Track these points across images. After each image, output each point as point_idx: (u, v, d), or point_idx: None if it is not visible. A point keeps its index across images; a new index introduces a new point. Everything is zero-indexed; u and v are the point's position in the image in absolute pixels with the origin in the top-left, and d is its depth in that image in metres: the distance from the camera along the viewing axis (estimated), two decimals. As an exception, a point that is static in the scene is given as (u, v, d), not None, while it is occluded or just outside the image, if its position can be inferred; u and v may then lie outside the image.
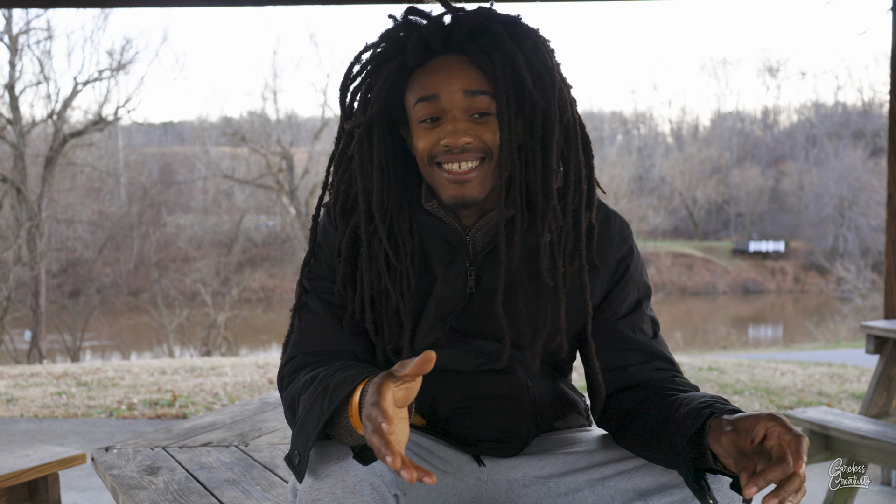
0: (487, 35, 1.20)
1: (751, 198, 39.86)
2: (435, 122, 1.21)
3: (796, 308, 30.17)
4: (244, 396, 5.95)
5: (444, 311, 1.29)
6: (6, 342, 17.38)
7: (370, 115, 1.23)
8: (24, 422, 5.00)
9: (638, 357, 1.31)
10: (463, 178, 1.20)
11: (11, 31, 18.35)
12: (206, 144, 25.58)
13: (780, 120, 47.05)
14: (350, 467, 1.10)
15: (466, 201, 1.22)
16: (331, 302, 1.32)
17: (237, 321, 21.06)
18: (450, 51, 1.22)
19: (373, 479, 1.10)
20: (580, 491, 1.27)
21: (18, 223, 17.57)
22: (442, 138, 1.19)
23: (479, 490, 1.34)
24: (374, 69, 1.25)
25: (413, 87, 1.23)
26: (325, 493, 1.09)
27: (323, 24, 41.98)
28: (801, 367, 7.50)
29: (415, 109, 1.22)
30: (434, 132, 1.21)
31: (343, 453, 1.12)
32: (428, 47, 1.21)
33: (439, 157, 1.21)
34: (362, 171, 1.25)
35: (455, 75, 1.19)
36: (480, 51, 1.19)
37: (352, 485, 1.09)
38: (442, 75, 1.20)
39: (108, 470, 1.74)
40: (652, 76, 67.18)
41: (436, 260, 1.29)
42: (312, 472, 1.11)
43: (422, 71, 1.22)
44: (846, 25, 63.70)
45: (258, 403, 2.42)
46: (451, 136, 1.18)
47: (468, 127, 1.19)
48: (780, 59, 54.05)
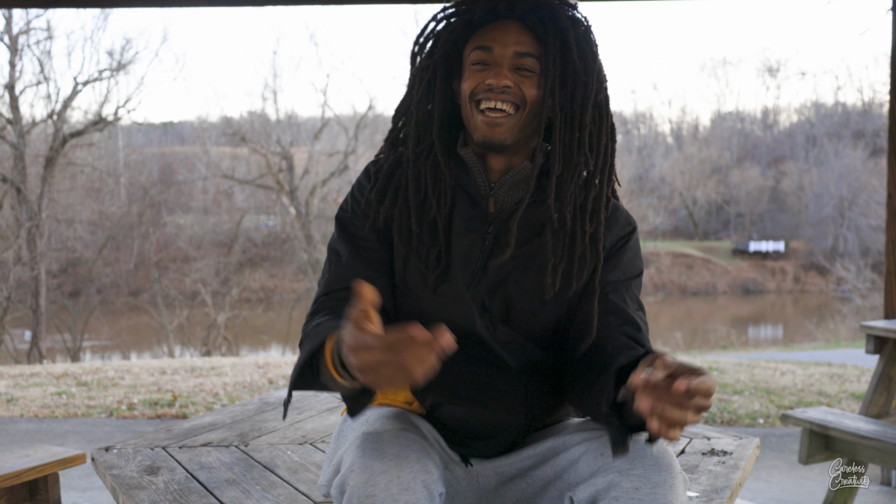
0: (547, 9, 1.38)
1: (751, 198, 39.86)
2: (484, 66, 1.36)
3: (796, 308, 30.18)
4: (244, 396, 5.95)
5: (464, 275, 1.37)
6: (6, 342, 17.38)
7: (436, 58, 1.41)
8: (24, 422, 5.01)
9: (614, 320, 1.37)
10: (495, 122, 1.34)
11: (11, 31, 18.35)
12: (206, 144, 25.58)
13: (780, 120, 47.06)
14: (405, 465, 1.13)
15: (494, 143, 1.35)
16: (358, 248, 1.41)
17: (237, 321, 21.06)
18: (512, 16, 1.38)
19: (425, 476, 1.14)
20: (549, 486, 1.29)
21: (18, 223, 17.57)
22: (486, 78, 1.34)
23: (471, 478, 1.37)
24: (444, 20, 1.43)
25: (473, 38, 1.40)
26: (381, 490, 1.11)
27: (323, 24, 41.94)
28: (801, 367, 7.50)
29: (470, 55, 1.38)
30: (480, 74, 1.36)
31: (397, 450, 1.15)
32: (494, 10, 1.39)
33: (480, 95, 1.35)
34: (419, 106, 1.42)
35: (510, 36, 1.36)
36: (538, 20, 1.37)
37: (406, 482, 1.12)
38: (499, 33, 1.37)
39: (108, 470, 1.74)
40: (652, 76, 67.19)
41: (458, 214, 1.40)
42: (367, 468, 1.13)
43: (483, 28, 1.39)
44: (846, 25, 63.66)
45: (258, 403, 2.42)
46: (495, 77, 1.33)
47: (511, 75, 1.35)
48: (780, 59, 54.04)
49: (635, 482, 1.14)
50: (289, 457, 1.89)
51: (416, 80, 1.44)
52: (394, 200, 1.41)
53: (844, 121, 41.18)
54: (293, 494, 1.63)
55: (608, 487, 1.16)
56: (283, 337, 21.08)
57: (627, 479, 1.15)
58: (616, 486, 1.15)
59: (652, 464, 1.16)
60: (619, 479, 1.15)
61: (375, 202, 1.41)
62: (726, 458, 1.80)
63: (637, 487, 1.14)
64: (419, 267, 1.37)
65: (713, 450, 1.85)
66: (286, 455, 1.90)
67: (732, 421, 5.04)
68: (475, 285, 1.36)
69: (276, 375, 6.93)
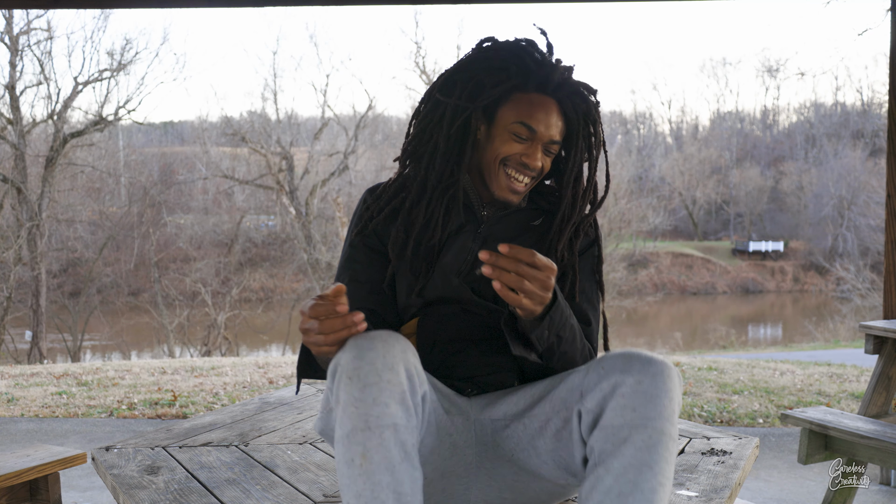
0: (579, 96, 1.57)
1: (750, 198, 39.87)
2: (522, 140, 1.53)
3: (796, 308, 30.19)
4: (244, 396, 5.95)
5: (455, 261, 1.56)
6: (6, 342, 17.38)
7: (476, 106, 1.53)
8: (25, 421, 5.01)
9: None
10: (518, 190, 1.55)
11: (12, 32, 18.34)
12: (206, 144, 25.54)
13: (780, 120, 47.09)
14: (391, 349, 1.23)
15: (511, 203, 1.57)
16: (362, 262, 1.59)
17: (237, 321, 21.06)
18: (555, 96, 1.55)
19: (409, 365, 1.23)
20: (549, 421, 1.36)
21: (19, 223, 17.57)
22: (525, 155, 1.53)
23: (469, 430, 1.43)
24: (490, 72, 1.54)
25: (517, 106, 1.53)
26: (367, 364, 1.20)
27: (323, 24, 41.96)
28: (801, 367, 7.51)
29: (512, 124, 1.53)
30: (518, 146, 1.53)
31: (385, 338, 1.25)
32: (542, 87, 1.54)
33: (510, 165, 1.54)
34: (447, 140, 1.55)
35: (552, 122, 1.54)
36: (572, 106, 1.56)
37: (391, 362, 1.21)
38: (543, 115, 1.53)
39: (109, 469, 1.74)
40: (652, 76, 67.26)
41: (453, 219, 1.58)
42: (357, 347, 1.23)
43: (528, 99, 1.53)
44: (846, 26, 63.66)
45: (258, 403, 2.42)
46: (532, 159, 1.53)
47: (543, 158, 1.56)
48: (779, 60, 53.96)
49: (637, 377, 1.25)
50: (289, 457, 1.89)
51: (447, 113, 1.55)
52: (391, 217, 1.59)
53: (844, 121, 41.20)
54: (293, 494, 1.63)
55: (614, 388, 1.26)
56: (283, 337, 21.09)
57: (630, 375, 1.25)
58: (621, 384, 1.25)
59: (647, 361, 1.27)
60: (622, 377, 1.26)
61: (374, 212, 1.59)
62: (726, 457, 1.80)
63: (639, 381, 1.25)
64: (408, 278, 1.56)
65: (713, 449, 1.86)
66: (286, 455, 1.91)
67: (732, 421, 5.05)
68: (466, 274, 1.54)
69: (276, 375, 6.93)
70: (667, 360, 1.32)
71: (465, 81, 1.55)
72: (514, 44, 1.55)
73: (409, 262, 1.56)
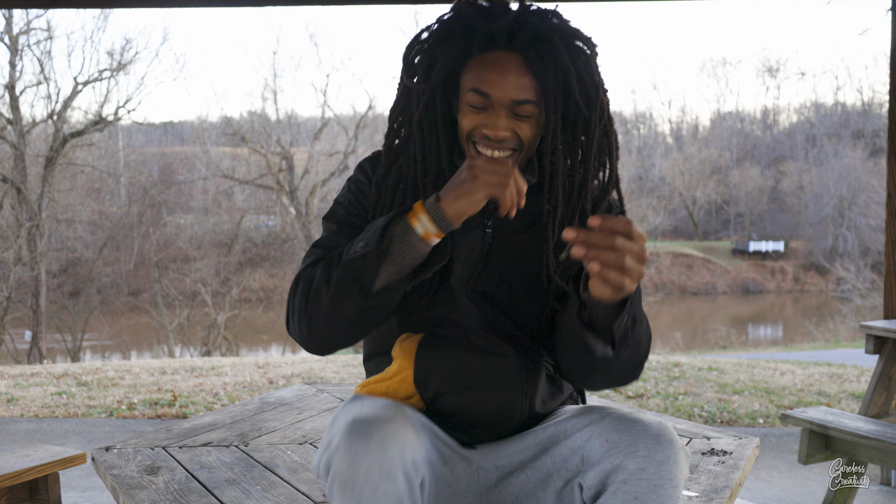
0: (547, 45, 1.32)
1: (750, 198, 39.87)
2: (481, 110, 1.34)
3: (796, 308, 30.18)
4: (244, 396, 5.95)
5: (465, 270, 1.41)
6: (6, 342, 17.38)
7: (432, 84, 1.36)
8: (25, 422, 5.01)
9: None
10: None
11: (11, 32, 18.35)
12: (206, 144, 25.56)
13: (780, 120, 47.09)
14: (388, 452, 1.13)
15: None
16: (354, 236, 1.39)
17: (237, 321, 21.06)
18: (510, 48, 1.33)
19: (407, 466, 1.13)
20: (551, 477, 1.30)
21: (19, 223, 17.57)
22: (484, 126, 1.33)
23: (471, 476, 1.36)
24: (439, 42, 1.37)
25: (470, 72, 1.35)
26: (363, 474, 1.11)
27: (323, 24, 42.02)
28: (801, 367, 7.51)
29: (467, 94, 1.34)
30: (478, 116, 1.34)
31: (382, 435, 1.14)
32: (492, 42, 1.34)
33: (477, 139, 1.34)
34: (420, 127, 1.38)
35: (509, 80, 1.31)
36: (537, 57, 1.32)
37: (388, 470, 1.11)
38: (496, 75, 1.32)
39: (108, 470, 1.74)
40: (652, 76, 67.25)
41: None
42: (352, 449, 1.13)
43: (481, 60, 1.34)
44: (846, 25, 63.71)
45: (258, 403, 2.42)
46: (492, 129, 1.32)
47: (509, 123, 1.32)
48: (779, 59, 54.09)
49: (640, 462, 1.17)
50: (289, 457, 1.89)
51: (413, 98, 1.40)
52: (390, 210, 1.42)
53: (844, 121, 41.20)
54: (293, 494, 1.63)
55: (615, 470, 1.19)
56: (283, 337, 21.07)
57: (633, 460, 1.18)
58: (623, 468, 1.18)
59: (654, 442, 1.19)
60: (625, 461, 1.18)
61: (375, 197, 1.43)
62: (726, 457, 1.80)
63: (643, 468, 1.17)
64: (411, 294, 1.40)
65: (713, 449, 1.85)
66: (286, 455, 1.90)
67: (732, 421, 5.04)
68: (476, 278, 1.41)
69: (276, 375, 6.93)
70: (675, 436, 1.23)
71: (421, 60, 1.39)
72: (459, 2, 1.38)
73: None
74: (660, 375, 6.57)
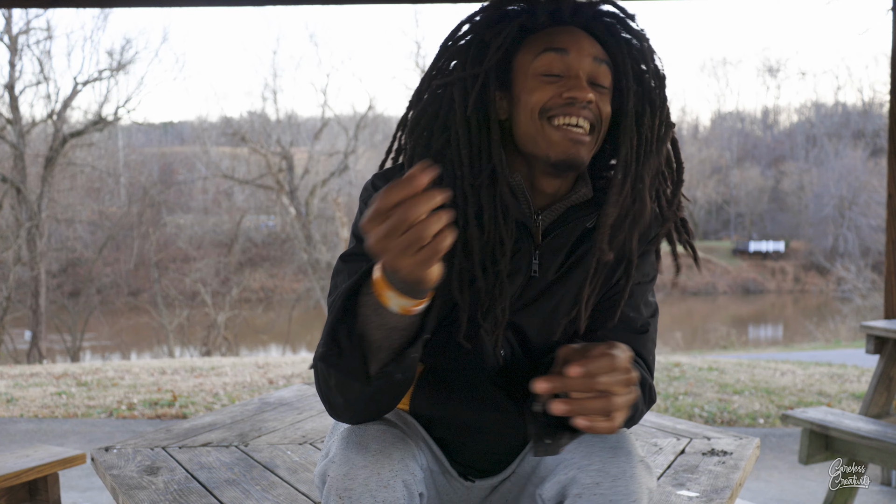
0: (611, 20, 1.24)
1: (751, 198, 39.87)
2: (557, 77, 1.19)
3: (796, 308, 30.18)
4: (244, 396, 5.95)
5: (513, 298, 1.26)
6: (6, 342, 17.38)
7: (487, 66, 1.20)
8: (24, 422, 5.00)
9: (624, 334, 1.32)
10: (579, 138, 1.18)
11: (11, 31, 18.36)
12: (206, 144, 25.58)
13: (780, 120, 47.08)
14: (386, 462, 1.10)
15: (576, 161, 1.19)
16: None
17: (237, 321, 21.07)
18: (574, 23, 1.23)
19: (406, 476, 1.11)
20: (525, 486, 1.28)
21: (18, 223, 17.57)
22: (565, 91, 1.17)
23: (467, 491, 1.36)
24: (491, 26, 1.23)
25: (534, 42, 1.22)
26: (360, 485, 1.09)
27: (323, 24, 42.03)
28: (801, 367, 7.50)
29: (536, 61, 1.20)
30: (554, 86, 1.19)
31: (380, 446, 1.12)
32: (555, 14, 1.23)
33: (555, 110, 1.17)
34: (466, 123, 1.20)
35: (584, 40, 1.20)
36: (606, 29, 1.23)
37: (386, 479, 1.09)
38: (571, 36, 1.21)
39: (108, 470, 1.74)
40: (652, 76, 67.07)
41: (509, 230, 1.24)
42: (348, 461, 1.10)
43: (546, 32, 1.22)
44: (846, 25, 63.71)
45: (258, 403, 2.42)
46: (578, 89, 1.16)
47: (594, 93, 1.19)
48: (780, 59, 54.08)
49: (594, 477, 1.11)
50: (289, 457, 1.89)
51: (456, 90, 1.21)
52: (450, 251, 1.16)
53: (844, 121, 41.18)
54: (293, 494, 1.63)
55: (570, 484, 1.13)
56: (283, 337, 21.09)
57: (587, 474, 1.11)
58: (576, 482, 1.12)
59: (609, 456, 1.12)
60: (578, 475, 1.12)
61: None
62: (726, 458, 1.80)
63: (597, 482, 1.10)
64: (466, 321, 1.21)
65: (713, 450, 1.85)
66: (286, 455, 1.90)
67: (732, 421, 5.04)
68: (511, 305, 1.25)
69: (276, 375, 6.92)
70: (632, 447, 1.15)
71: (465, 49, 1.23)
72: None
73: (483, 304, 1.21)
74: (660, 375, 6.57)
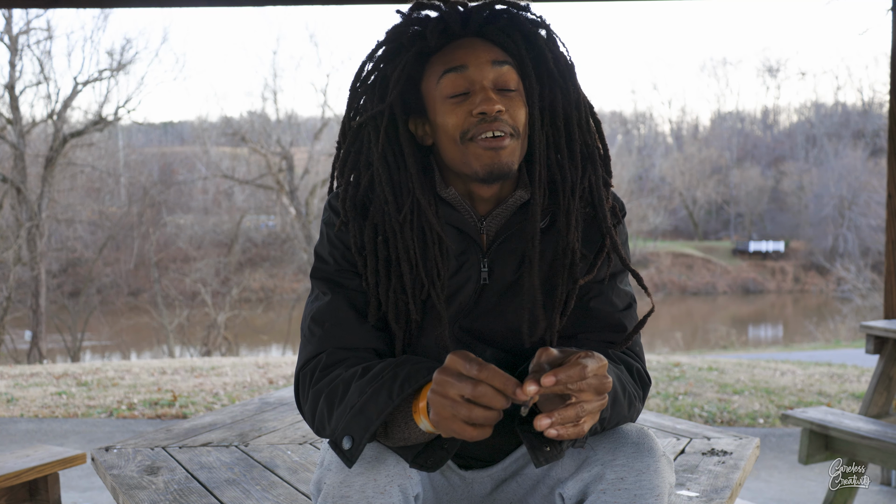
0: (505, 18, 1.25)
1: (751, 198, 39.86)
2: (464, 96, 1.21)
3: (796, 308, 30.17)
4: (244, 396, 5.95)
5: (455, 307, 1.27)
6: (6, 342, 17.37)
7: (390, 101, 1.22)
8: (24, 422, 5.01)
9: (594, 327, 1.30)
10: (498, 145, 1.19)
11: (11, 31, 18.34)
12: (206, 144, 25.57)
13: (780, 120, 47.07)
14: (382, 467, 1.11)
15: (502, 169, 1.21)
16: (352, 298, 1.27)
17: (237, 321, 21.06)
18: (468, 34, 1.25)
19: (402, 480, 1.12)
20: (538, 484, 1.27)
21: (18, 223, 17.56)
22: (474, 108, 1.19)
23: (466, 488, 1.35)
24: (390, 60, 1.25)
25: (434, 65, 1.24)
26: (356, 492, 1.09)
27: (323, 24, 42.02)
28: (801, 367, 7.50)
29: (440, 85, 1.22)
30: (464, 105, 1.21)
31: (375, 452, 1.13)
32: (447, 31, 1.24)
33: (473, 130, 1.20)
34: (384, 160, 1.23)
35: (479, 48, 1.22)
36: (499, 31, 1.24)
37: (382, 485, 1.10)
38: (466, 50, 1.22)
39: (108, 470, 1.74)
40: (652, 76, 67.27)
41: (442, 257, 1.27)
42: (343, 468, 1.11)
43: (442, 52, 1.24)
44: (846, 25, 63.74)
45: (258, 403, 2.42)
46: (486, 103, 1.18)
47: (501, 100, 1.20)
48: (780, 59, 54.11)
49: (619, 472, 1.14)
50: (289, 457, 1.89)
51: (369, 128, 1.24)
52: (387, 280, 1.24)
53: (844, 121, 41.17)
54: (293, 494, 1.63)
55: (594, 480, 1.15)
56: (283, 337, 21.07)
57: (611, 469, 1.14)
58: (601, 478, 1.15)
59: (633, 451, 1.15)
60: (603, 470, 1.15)
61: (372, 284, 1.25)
62: (726, 458, 1.80)
63: (622, 477, 1.13)
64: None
65: (713, 450, 1.85)
66: (286, 455, 1.90)
67: (732, 421, 5.04)
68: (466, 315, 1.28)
69: (276, 375, 6.92)
70: (655, 444, 1.18)
71: (372, 87, 1.26)
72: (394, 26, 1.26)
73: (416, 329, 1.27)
74: (660, 375, 6.57)
